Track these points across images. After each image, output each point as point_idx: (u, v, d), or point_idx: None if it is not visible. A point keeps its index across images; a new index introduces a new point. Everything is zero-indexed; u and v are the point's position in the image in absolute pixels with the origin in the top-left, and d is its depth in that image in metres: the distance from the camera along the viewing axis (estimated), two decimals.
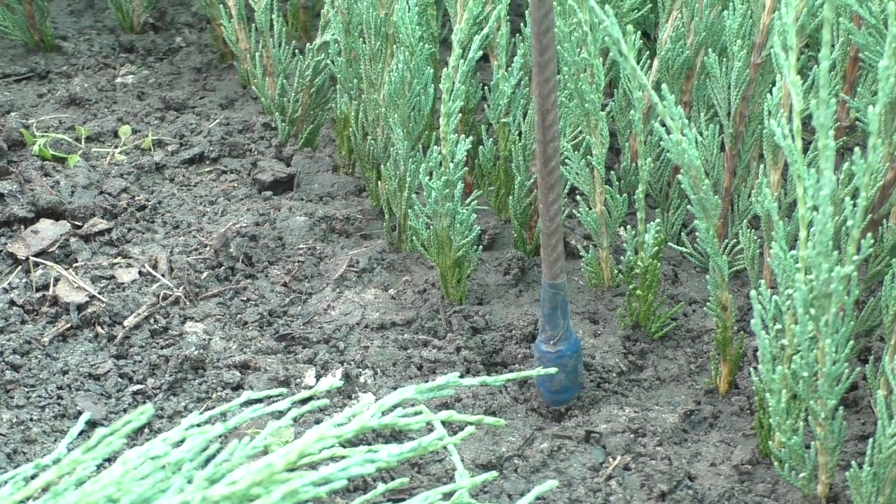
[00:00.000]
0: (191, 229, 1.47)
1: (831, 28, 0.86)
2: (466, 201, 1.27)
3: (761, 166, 1.19)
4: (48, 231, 1.45)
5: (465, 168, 1.24)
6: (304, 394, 0.97)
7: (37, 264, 1.39)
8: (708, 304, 1.15)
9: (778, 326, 1.00)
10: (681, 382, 1.21)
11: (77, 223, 1.47)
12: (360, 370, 1.19)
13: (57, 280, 1.36)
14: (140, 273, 1.38)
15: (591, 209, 1.28)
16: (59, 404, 1.16)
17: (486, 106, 1.36)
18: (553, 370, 1.10)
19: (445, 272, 1.29)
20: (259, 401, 0.94)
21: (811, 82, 1.15)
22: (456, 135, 1.17)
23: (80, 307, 1.31)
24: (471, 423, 0.94)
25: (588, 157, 1.25)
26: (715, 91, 1.29)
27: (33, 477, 0.89)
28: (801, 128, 0.94)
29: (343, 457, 0.87)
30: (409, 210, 1.33)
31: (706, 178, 1.07)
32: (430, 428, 0.99)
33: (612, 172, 1.29)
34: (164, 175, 1.57)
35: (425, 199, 1.27)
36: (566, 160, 1.25)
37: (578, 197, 1.29)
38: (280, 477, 0.80)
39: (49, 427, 1.14)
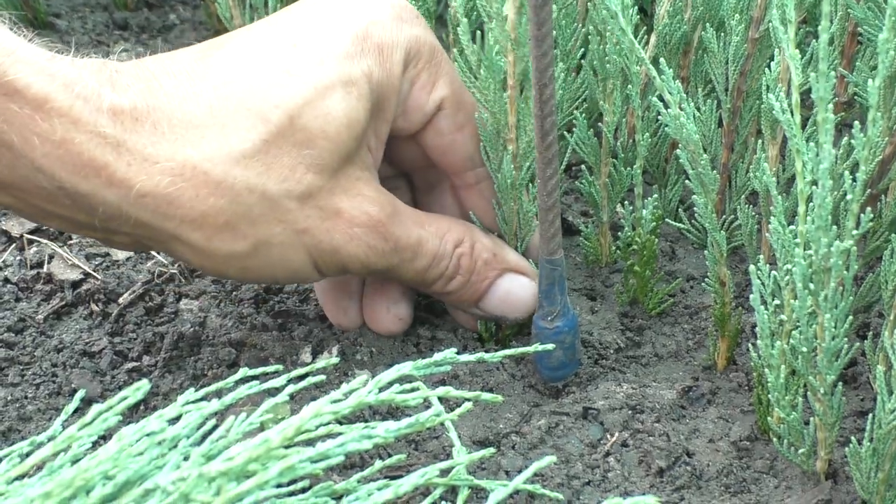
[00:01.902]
0: None
1: (830, 1, 0.85)
2: None
3: (759, 141, 1.18)
4: None
5: None
6: (301, 370, 0.97)
7: (31, 242, 1.38)
8: (706, 279, 1.15)
9: (776, 302, 1.00)
10: (679, 359, 1.21)
11: None
12: (357, 347, 1.18)
13: (51, 257, 1.35)
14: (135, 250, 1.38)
15: (594, 180, 1.27)
16: (53, 382, 1.16)
17: None
18: (550, 346, 1.10)
19: None
20: (255, 377, 0.94)
21: (810, 56, 1.14)
22: None
23: (75, 284, 1.31)
24: (468, 400, 0.94)
25: (598, 124, 1.25)
26: (713, 66, 1.29)
27: (28, 454, 0.89)
28: (800, 103, 0.94)
29: (340, 433, 0.87)
30: None
31: (704, 153, 1.06)
32: (427, 405, 0.99)
33: (618, 144, 1.28)
34: None
35: None
36: (573, 127, 1.24)
37: (583, 167, 1.28)
38: (277, 453, 0.79)
39: (44, 405, 1.13)
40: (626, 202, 1.26)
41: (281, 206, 1.02)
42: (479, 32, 1.10)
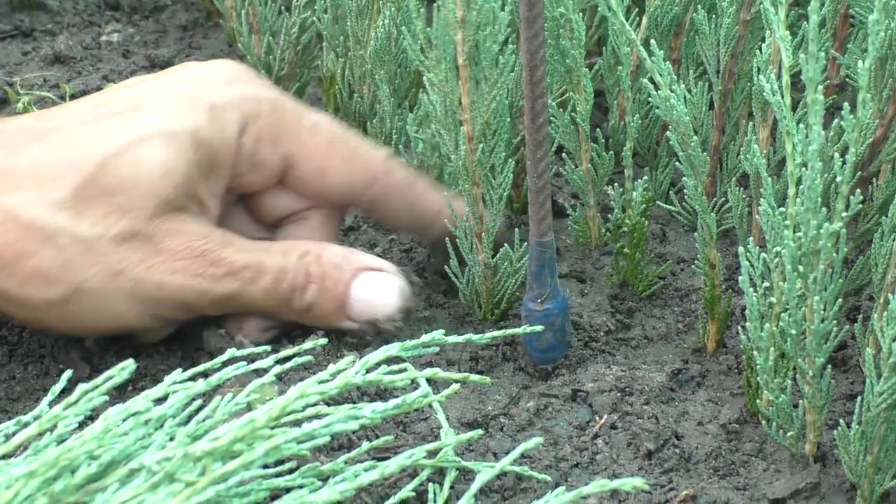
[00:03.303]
0: None
1: None
2: None
3: (750, 124, 1.18)
4: None
5: None
6: (288, 351, 0.97)
7: None
8: (696, 262, 1.15)
9: (766, 284, 0.99)
10: (668, 341, 1.21)
11: None
12: None
13: None
14: None
15: (577, 167, 1.27)
16: (41, 362, 1.16)
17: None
18: (539, 328, 1.09)
19: None
20: (242, 358, 0.94)
21: (801, 38, 1.14)
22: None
23: None
24: (456, 381, 0.94)
25: (572, 114, 1.24)
26: (704, 48, 1.28)
27: (14, 433, 0.88)
28: (791, 85, 0.93)
29: (327, 414, 0.87)
30: None
31: (695, 135, 1.06)
32: (415, 386, 0.98)
33: (599, 130, 1.28)
34: None
35: (413, 150, 1.27)
36: (552, 118, 1.24)
37: (565, 155, 1.28)
38: (263, 433, 0.79)
39: (32, 385, 1.13)
40: (616, 184, 1.25)
41: (94, 248, 1.04)
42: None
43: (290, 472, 0.92)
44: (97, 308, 1.06)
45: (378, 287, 1.13)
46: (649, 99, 1.07)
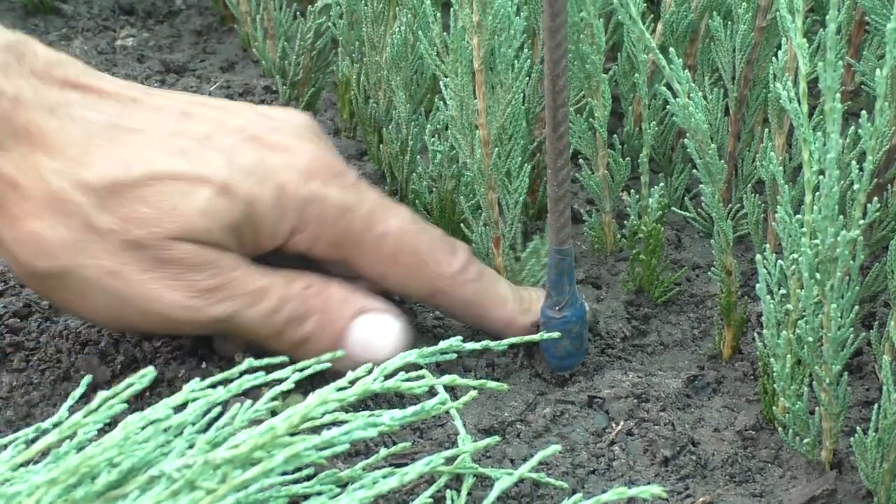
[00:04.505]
0: None
1: None
2: None
3: (766, 130, 1.18)
4: None
5: None
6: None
7: None
8: (712, 268, 1.15)
9: (782, 291, 1.00)
10: (684, 348, 1.21)
11: None
12: None
13: None
14: None
15: (593, 172, 1.27)
16: (58, 367, 1.16)
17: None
18: (557, 335, 1.10)
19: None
20: (261, 367, 0.94)
21: (817, 45, 1.14)
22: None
23: None
24: (473, 388, 0.94)
25: (590, 119, 1.25)
26: (719, 55, 1.28)
27: (34, 440, 0.89)
28: (807, 92, 0.94)
29: (345, 421, 0.87)
30: (412, 173, 1.33)
31: (712, 143, 1.06)
32: (432, 392, 0.99)
33: (615, 136, 1.28)
34: None
35: (430, 161, 1.27)
36: (570, 124, 1.24)
37: (581, 161, 1.28)
38: (282, 440, 0.80)
39: (49, 391, 1.13)
40: (631, 191, 1.26)
41: (101, 242, 1.01)
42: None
43: (308, 478, 0.93)
44: (80, 296, 1.03)
45: (378, 329, 1.09)
46: (667, 105, 1.07)
